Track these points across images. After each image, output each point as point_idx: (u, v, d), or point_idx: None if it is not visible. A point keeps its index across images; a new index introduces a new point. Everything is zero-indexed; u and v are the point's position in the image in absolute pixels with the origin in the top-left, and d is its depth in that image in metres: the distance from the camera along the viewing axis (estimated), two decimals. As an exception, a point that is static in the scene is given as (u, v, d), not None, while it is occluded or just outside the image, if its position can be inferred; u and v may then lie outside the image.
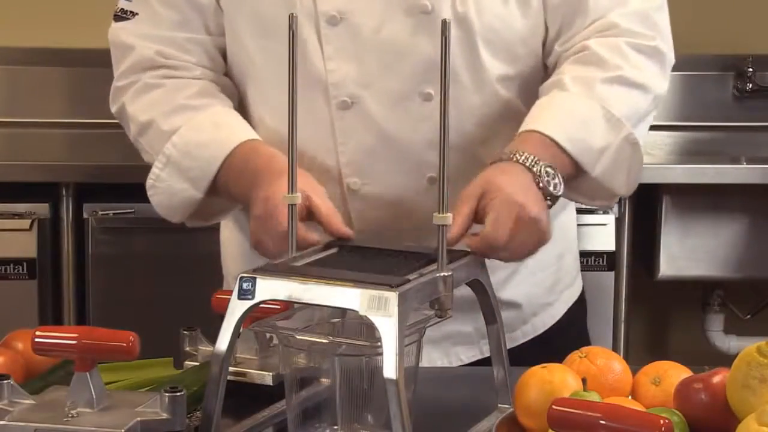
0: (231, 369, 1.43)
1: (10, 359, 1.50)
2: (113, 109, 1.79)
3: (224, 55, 1.78)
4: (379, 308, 1.26)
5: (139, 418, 1.28)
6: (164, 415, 1.29)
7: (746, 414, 1.26)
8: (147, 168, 1.75)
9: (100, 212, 3.03)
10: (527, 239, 1.50)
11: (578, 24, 1.70)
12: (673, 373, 1.44)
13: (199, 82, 1.75)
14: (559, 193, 1.56)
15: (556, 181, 1.56)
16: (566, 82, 1.65)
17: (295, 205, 1.44)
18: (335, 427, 1.38)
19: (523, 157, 1.55)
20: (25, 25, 3.53)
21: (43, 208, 3.03)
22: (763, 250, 3.18)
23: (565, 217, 1.87)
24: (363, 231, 1.67)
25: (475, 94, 1.68)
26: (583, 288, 1.94)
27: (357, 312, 1.27)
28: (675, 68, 1.75)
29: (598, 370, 1.45)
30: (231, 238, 1.91)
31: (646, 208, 3.18)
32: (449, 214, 1.34)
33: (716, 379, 1.35)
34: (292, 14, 1.41)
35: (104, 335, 1.32)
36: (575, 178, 1.63)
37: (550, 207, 1.55)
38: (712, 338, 3.55)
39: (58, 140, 3.37)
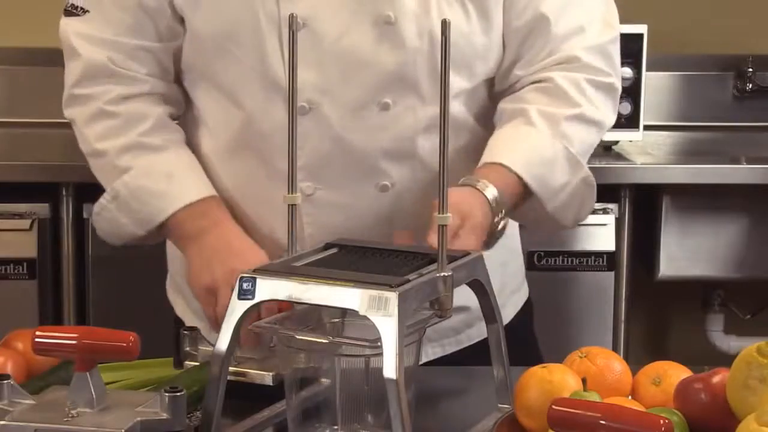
0: (231, 369, 1.43)
1: (10, 359, 1.51)
2: (66, 113, 1.81)
3: (176, 60, 1.79)
4: (379, 308, 1.26)
5: (139, 418, 1.28)
6: (164, 415, 1.29)
7: (746, 414, 1.26)
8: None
9: (100, 212, 3.03)
10: (462, 232, 1.54)
11: (537, 48, 1.75)
12: (673, 373, 1.45)
13: (155, 113, 1.76)
14: (498, 237, 1.65)
15: (504, 223, 1.65)
16: (532, 117, 1.71)
17: (295, 205, 1.44)
18: (335, 427, 1.38)
19: (491, 196, 1.62)
20: (25, 25, 3.52)
21: (43, 208, 3.03)
22: (763, 250, 3.18)
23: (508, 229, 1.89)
24: (314, 235, 1.69)
25: (431, 106, 1.69)
26: (529, 294, 1.98)
27: (357, 312, 1.27)
28: (675, 68, 1.76)
29: (598, 370, 1.45)
30: None
31: (646, 208, 3.18)
32: (449, 214, 1.34)
33: (716, 379, 1.36)
34: (292, 14, 1.42)
35: (104, 335, 1.32)
36: (527, 208, 1.71)
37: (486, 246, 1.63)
38: (712, 338, 3.55)
39: (58, 140, 3.36)
